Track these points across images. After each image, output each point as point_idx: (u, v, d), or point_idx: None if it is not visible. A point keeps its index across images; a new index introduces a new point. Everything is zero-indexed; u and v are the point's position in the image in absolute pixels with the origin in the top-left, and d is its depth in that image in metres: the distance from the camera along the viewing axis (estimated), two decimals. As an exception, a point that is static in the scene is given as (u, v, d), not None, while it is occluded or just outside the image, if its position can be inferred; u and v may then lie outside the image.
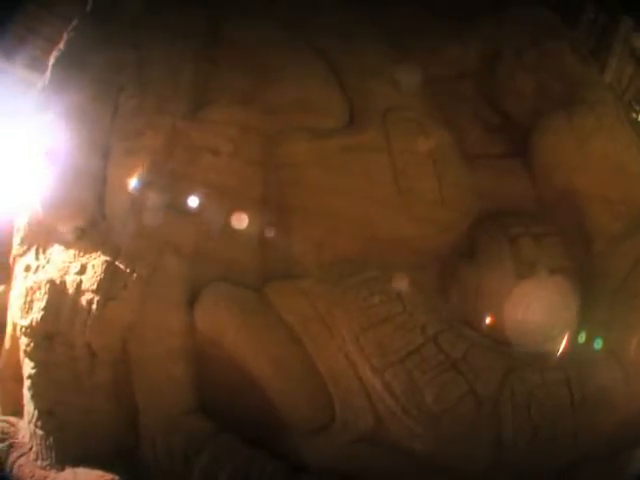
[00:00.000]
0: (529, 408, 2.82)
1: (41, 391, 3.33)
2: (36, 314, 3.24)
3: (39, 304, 3.23)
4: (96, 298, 3.04)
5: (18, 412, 3.75)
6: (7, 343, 3.67)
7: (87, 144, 3.20)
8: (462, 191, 3.28)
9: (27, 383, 3.40)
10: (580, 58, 3.88)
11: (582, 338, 3.01)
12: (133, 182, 3.03)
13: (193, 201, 2.98)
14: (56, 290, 3.18)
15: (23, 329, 3.33)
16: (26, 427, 3.57)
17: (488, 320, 3.14)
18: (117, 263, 3.03)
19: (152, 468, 3.14)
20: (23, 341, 3.36)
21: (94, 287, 3.05)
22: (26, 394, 3.46)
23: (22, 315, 3.35)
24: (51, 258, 3.32)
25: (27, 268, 3.43)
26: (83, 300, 3.08)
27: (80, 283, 3.11)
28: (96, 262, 3.09)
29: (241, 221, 2.97)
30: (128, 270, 3.00)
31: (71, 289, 3.13)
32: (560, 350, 3.11)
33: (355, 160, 3.14)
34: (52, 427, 3.31)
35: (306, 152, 3.12)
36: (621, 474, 2.77)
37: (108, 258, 3.06)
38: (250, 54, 3.32)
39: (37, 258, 3.42)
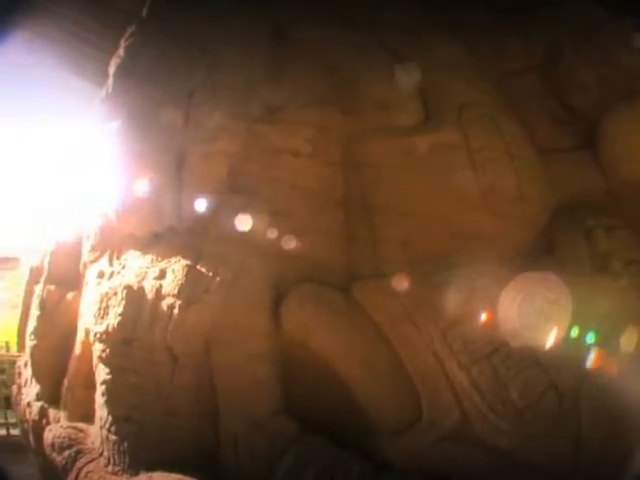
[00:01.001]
0: (605, 403, 2.83)
1: (117, 396, 3.33)
2: (112, 320, 3.24)
3: (116, 310, 3.24)
4: (177, 302, 3.05)
5: (87, 418, 3.75)
6: (77, 350, 3.68)
7: (162, 150, 3.21)
8: (539, 186, 3.30)
9: (101, 389, 3.41)
10: (635, 51, 3.89)
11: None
12: (213, 186, 3.04)
13: (276, 203, 2.99)
14: (134, 295, 3.18)
15: (98, 335, 3.34)
16: (97, 433, 3.58)
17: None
18: (198, 267, 3.04)
19: (233, 471, 3.15)
20: (98, 347, 3.37)
21: (175, 291, 3.06)
22: (99, 400, 3.47)
23: (96, 321, 3.36)
24: (126, 264, 3.33)
25: (100, 274, 3.45)
26: (163, 305, 3.09)
27: (160, 288, 3.12)
28: (176, 267, 3.10)
29: (324, 221, 2.97)
30: (211, 274, 3.01)
31: (150, 294, 3.14)
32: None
33: (434, 158, 3.15)
34: (127, 432, 3.31)
35: (385, 151, 3.14)
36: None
37: (189, 262, 3.06)
38: (320, 54, 3.34)
39: (111, 264, 3.43)
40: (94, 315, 3.36)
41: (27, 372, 4.45)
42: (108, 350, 3.29)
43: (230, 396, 3.08)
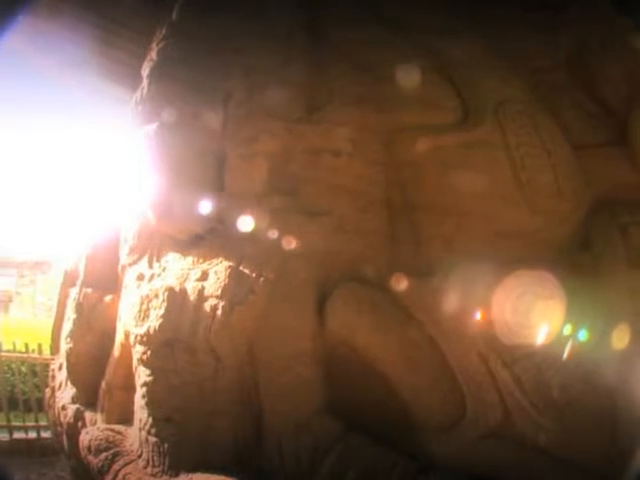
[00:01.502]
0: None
1: (158, 398, 3.33)
2: (154, 322, 3.25)
3: (157, 312, 3.25)
4: (221, 304, 3.05)
5: (125, 420, 3.77)
6: (116, 352, 3.69)
7: (200, 152, 3.22)
8: (575, 182, 3.29)
9: (141, 391, 3.41)
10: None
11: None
12: (253, 186, 3.05)
13: (318, 203, 2.99)
14: (175, 297, 3.19)
15: (139, 337, 3.35)
16: (135, 435, 3.59)
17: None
18: (241, 268, 3.04)
19: (276, 472, 3.15)
20: (138, 349, 3.37)
21: (218, 293, 3.07)
22: (139, 402, 3.48)
23: (137, 323, 3.37)
24: (167, 266, 3.34)
25: (140, 277, 3.46)
26: (206, 306, 3.10)
27: (202, 289, 3.12)
28: (218, 268, 3.10)
29: (366, 221, 2.97)
30: (254, 274, 3.01)
31: (192, 296, 3.15)
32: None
33: (474, 156, 3.16)
34: (168, 434, 3.31)
35: (426, 150, 3.14)
36: None
37: (231, 263, 3.07)
38: (356, 54, 3.34)
39: (151, 266, 3.44)
40: (134, 317, 3.37)
41: (61, 375, 4.47)
42: (149, 352, 3.29)
43: (274, 396, 3.08)
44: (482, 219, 3.13)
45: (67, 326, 4.11)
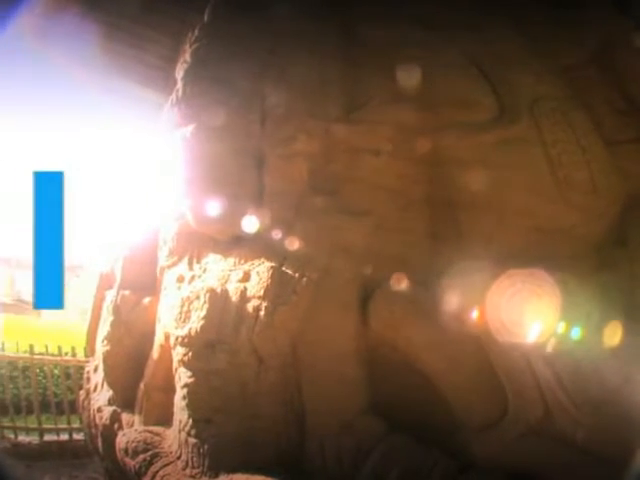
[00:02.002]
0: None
1: (199, 399, 3.34)
2: (195, 323, 3.26)
3: (198, 313, 3.25)
4: (264, 304, 3.05)
5: (163, 422, 3.78)
6: (155, 353, 3.70)
7: (239, 153, 3.23)
8: (610, 178, 3.31)
9: (182, 392, 3.42)
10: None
11: None
12: (294, 187, 3.05)
13: (358, 203, 2.99)
14: (217, 298, 3.20)
15: (179, 339, 3.35)
16: (174, 436, 3.59)
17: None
18: (284, 268, 3.04)
19: (317, 472, 3.14)
20: (179, 351, 3.38)
21: (261, 293, 3.07)
22: (179, 403, 3.49)
23: (178, 325, 3.38)
24: (207, 267, 3.35)
25: (180, 279, 3.47)
26: (249, 307, 3.10)
27: (244, 290, 3.13)
28: (260, 269, 3.11)
29: (408, 219, 2.96)
30: (297, 275, 3.01)
31: (234, 297, 3.15)
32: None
33: (512, 153, 3.18)
34: (209, 435, 3.31)
35: (465, 148, 3.14)
36: None
37: (273, 264, 3.07)
38: (391, 53, 3.33)
39: (191, 268, 3.45)
40: (175, 319, 3.37)
41: (97, 377, 4.49)
42: (190, 353, 3.30)
43: (318, 396, 3.09)
44: (521, 215, 3.16)
45: (104, 328, 4.13)
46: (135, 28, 4.78)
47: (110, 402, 4.24)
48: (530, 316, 2.83)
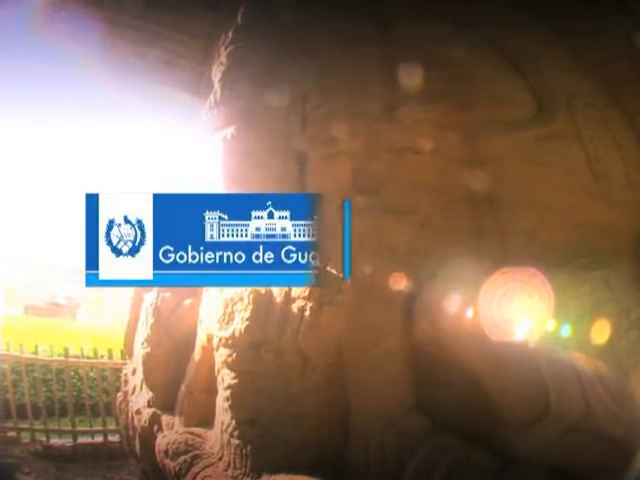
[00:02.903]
0: None
1: (243, 400, 3.35)
2: (239, 325, 3.27)
3: (242, 314, 3.27)
4: (309, 305, 3.06)
5: (205, 423, 3.79)
6: (197, 355, 3.72)
7: (280, 153, 3.24)
8: (645, 173, 3.25)
9: (225, 393, 3.43)
10: None
11: None
12: (337, 186, 3.05)
13: (402, 201, 2.98)
14: (262, 300, 3.21)
15: (223, 340, 3.37)
16: (216, 438, 3.61)
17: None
18: (329, 268, 3.04)
19: (361, 471, 3.14)
20: (223, 352, 3.40)
21: (305, 294, 3.07)
22: (221, 404, 3.50)
23: (221, 326, 3.39)
24: (251, 269, 3.35)
25: (223, 281, 3.47)
26: (294, 307, 3.11)
27: (289, 291, 3.14)
28: (305, 269, 3.10)
29: (450, 217, 2.95)
30: (342, 275, 3.01)
31: (279, 297, 3.16)
32: None
33: (551, 149, 3.19)
34: (252, 435, 3.32)
35: (506, 145, 3.15)
36: None
37: (319, 264, 3.07)
38: (430, 53, 3.33)
39: (233, 270, 3.45)
40: (218, 320, 3.39)
41: (135, 379, 4.52)
42: (234, 355, 3.31)
43: (363, 396, 3.08)
44: (562, 212, 3.14)
45: (143, 331, 4.16)
46: (164, 32, 4.83)
47: (149, 404, 4.26)
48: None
